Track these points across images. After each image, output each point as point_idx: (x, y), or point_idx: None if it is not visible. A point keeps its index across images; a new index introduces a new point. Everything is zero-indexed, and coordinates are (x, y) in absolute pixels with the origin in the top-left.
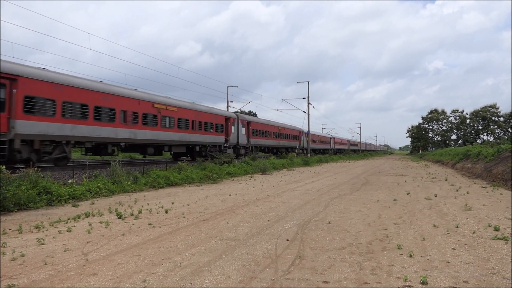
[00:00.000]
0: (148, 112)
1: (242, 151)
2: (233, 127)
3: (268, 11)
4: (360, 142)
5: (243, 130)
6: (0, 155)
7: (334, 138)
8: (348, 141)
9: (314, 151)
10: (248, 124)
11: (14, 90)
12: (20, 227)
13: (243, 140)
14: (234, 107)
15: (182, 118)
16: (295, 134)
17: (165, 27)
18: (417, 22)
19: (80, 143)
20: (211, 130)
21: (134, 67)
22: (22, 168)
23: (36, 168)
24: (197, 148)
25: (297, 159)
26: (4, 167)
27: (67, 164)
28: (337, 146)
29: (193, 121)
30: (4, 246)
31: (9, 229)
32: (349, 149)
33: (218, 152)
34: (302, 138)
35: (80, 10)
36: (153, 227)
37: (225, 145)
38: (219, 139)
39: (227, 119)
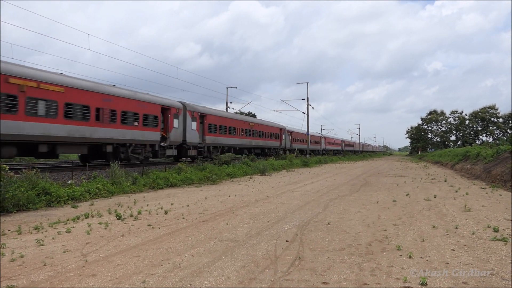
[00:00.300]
0: None
1: (192, 152)
2: (176, 121)
3: (268, 12)
4: (356, 143)
5: (193, 125)
6: None
7: (325, 137)
8: (343, 141)
9: (301, 152)
10: (202, 117)
11: None
12: (19, 228)
13: (193, 137)
14: (233, 108)
15: (76, 103)
16: (274, 132)
17: (164, 28)
18: (416, 23)
19: None
20: (135, 124)
21: (133, 67)
22: (23, 168)
23: (36, 169)
24: (109, 149)
25: (297, 160)
26: (7, 167)
27: None
28: (329, 147)
29: (98, 108)
30: (3, 247)
31: (9, 230)
32: (343, 150)
33: (149, 153)
34: (283, 137)
35: (80, 10)
36: (152, 228)
37: (162, 143)
38: (151, 135)
39: (165, 109)
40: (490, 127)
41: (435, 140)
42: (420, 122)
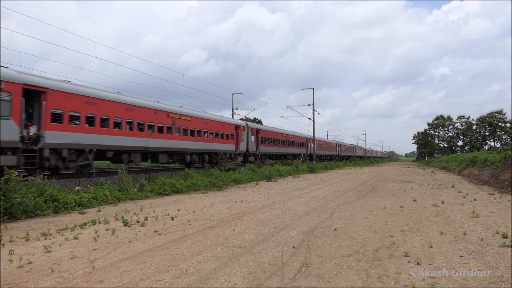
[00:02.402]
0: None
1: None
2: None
3: (273, 18)
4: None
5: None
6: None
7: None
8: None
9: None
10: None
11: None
12: (27, 234)
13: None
14: (239, 114)
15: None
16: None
17: (170, 35)
18: (422, 29)
19: None
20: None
21: (139, 75)
22: (30, 175)
23: (43, 176)
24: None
25: (303, 166)
26: (16, 172)
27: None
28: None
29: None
30: (11, 253)
31: (16, 237)
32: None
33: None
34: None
35: (87, 19)
36: (159, 234)
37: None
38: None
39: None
40: (498, 132)
41: (442, 145)
42: (426, 127)
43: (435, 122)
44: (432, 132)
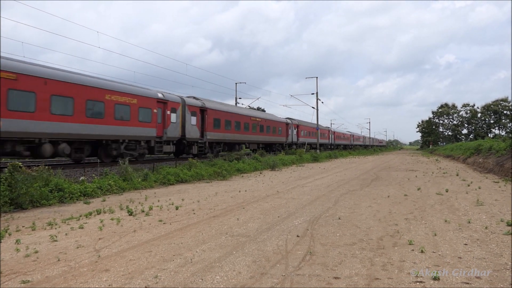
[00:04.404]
0: None
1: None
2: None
3: (278, 6)
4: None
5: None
6: None
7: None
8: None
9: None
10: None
11: None
12: (33, 224)
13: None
14: (243, 104)
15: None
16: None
17: (175, 24)
18: (428, 16)
19: None
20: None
21: (143, 65)
22: (35, 166)
23: (48, 166)
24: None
25: (307, 155)
26: (20, 163)
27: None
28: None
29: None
30: (18, 243)
31: (23, 226)
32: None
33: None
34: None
35: (91, 9)
36: (163, 223)
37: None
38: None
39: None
40: (503, 120)
41: (446, 133)
42: (431, 115)
43: (440, 110)
44: (437, 120)
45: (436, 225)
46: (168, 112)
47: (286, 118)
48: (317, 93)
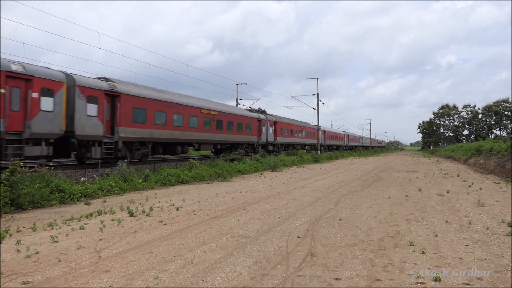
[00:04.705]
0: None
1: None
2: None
3: (279, 7)
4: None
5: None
6: None
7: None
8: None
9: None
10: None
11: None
12: (34, 225)
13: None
14: (243, 105)
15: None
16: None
17: (176, 25)
18: (429, 16)
19: None
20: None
21: (144, 65)
22: (36, 166)
23: (49, 167)
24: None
25: (307, 156)
26: (22, 163)
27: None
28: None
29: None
30: (19, 243)
31: (24, 227)
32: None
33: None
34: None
35: (92, 9)
36: (164, 224)
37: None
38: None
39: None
40: (504, 121)
41: (447, 134)
42: (432, 116)
43: (441, 111)
44: (438, 121)
45: (437, 226)
46: (36, 95)
47: (259, 113)
48: (317, 94)
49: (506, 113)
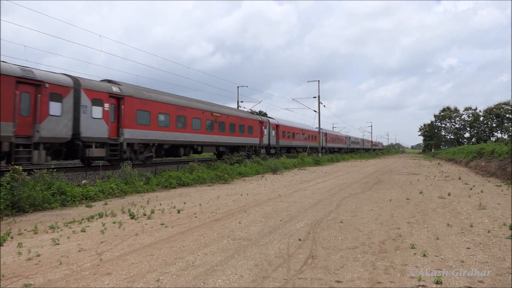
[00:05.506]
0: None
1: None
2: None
3: (280, 9)
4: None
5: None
6: None
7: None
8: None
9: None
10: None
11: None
12: (35, 227)
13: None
14: (244, 107)
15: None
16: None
17: (177, 27)
18: (431, 19)
19: None
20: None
21: (145, 68)
22: (36, 169)
23: (51, 170)
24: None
25: (308, 159)
26: (20, 167)
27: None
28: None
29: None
30: (20, 246)
31: (25, 230)
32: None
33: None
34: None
35: (94, 12)
36: (165, 227)
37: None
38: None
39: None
40: (505, 124)
41: (448, 137)
42: (433, 119)
43: (442, 113)
44: (439, 124)
45: (438, 229)
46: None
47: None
48: (319, 96)
49: (507, 115)
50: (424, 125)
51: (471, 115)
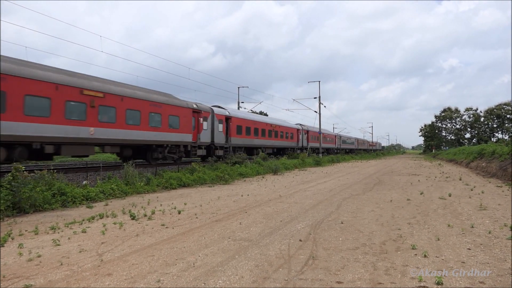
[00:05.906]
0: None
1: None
2: (205, 123)
3: (281, 11)
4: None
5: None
6: None
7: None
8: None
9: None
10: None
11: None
12: (36, 228)
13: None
14: (245, 108)
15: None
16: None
17: (178, 29)
18: (432, 20)
19: None
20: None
21: (147, 69)
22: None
23: (51, 170)
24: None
25: (309, 159)
26: (23, 167)
27: None
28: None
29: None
30: (21, 247)
31: (26, 230)
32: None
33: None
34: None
35: (95, 13)
36: (166, 227)
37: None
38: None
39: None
40: (506, 124)
41: (449, 138)
42: (434, 120)
43: (443, 114)
44: (440, 124)
45: (439, 230)
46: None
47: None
48: (319, 97)
49: (508, 116)
50: (425, 125)
51: (471, 115)
